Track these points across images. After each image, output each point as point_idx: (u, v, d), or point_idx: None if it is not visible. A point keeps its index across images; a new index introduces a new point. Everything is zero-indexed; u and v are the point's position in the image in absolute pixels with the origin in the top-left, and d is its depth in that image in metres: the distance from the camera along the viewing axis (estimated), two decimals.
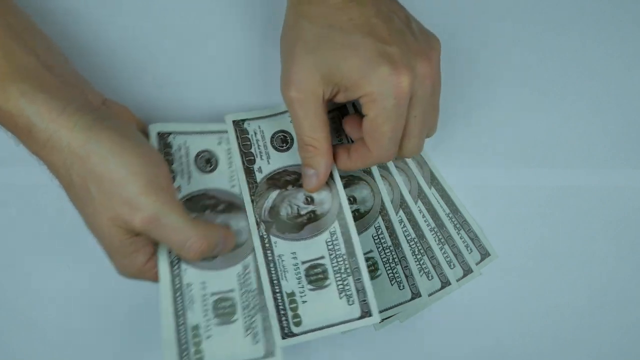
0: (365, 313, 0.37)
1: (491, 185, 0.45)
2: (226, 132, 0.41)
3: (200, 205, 0.39)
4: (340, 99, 0.36)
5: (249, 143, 0.41)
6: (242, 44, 0.45)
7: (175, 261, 0.37)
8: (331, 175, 0.39)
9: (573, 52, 0.46)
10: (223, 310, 0.37)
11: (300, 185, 0.40)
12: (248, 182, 0.40)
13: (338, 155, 0.38)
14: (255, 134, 0.41)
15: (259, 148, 0.41)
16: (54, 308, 0.43)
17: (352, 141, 0.42)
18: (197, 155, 0.40)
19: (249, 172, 0.40)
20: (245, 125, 0.41)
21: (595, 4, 0.47)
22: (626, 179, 0.46)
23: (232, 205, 0.39)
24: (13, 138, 0.33)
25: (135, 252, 0.35)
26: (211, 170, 0.40)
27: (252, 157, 0.41)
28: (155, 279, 0.36)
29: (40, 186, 0.42)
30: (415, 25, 0.37)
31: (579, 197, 0.46)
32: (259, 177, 0.40)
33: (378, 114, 0.34)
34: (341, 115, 0.43)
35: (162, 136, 0.39)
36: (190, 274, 0.37)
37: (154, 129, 0.39)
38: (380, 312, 0.41)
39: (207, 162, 0.40)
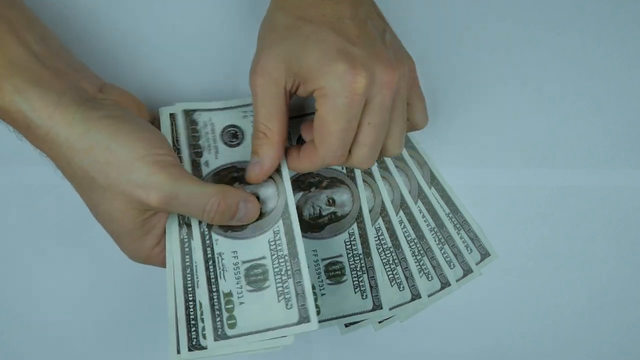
0: (304, 318, 0.36)
1: (491, 185, 0.45)
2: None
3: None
4: (302, 92, 0.35)
5: (197, 135, 0.40)
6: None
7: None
8: (280, 173, 0.38)
9: (573, 52, 0.46)
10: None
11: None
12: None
13: (289, 154, 0.38)
14: (205, 126, 0.40)
15: (207, 141, 0.40)
16: (54, 308, 0.43)
17: None
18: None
19: (195, 165, 0.39)
20: (195, 116, 0.40)
21: (595, 4, 0.47)
22: (626, 179, 0.46)
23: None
24: (15, 132, 0.33)
25: (145, 235, 0.35)
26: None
27: (200, 150, 0.40)
28: (163, 264, 0.37)
29: (40, 186, 0.42)
30: (390, 38, 0.37)
31: (579, 197, 0.46)
32: (205, 171, 0.39)
33: (328, 111, 0.33)
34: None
35: (188, 114, 0.40)
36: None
37: (167, 111, 0.40)
38: (383, 313, 0.41)
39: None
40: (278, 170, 0.38)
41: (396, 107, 0.35)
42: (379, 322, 0.43)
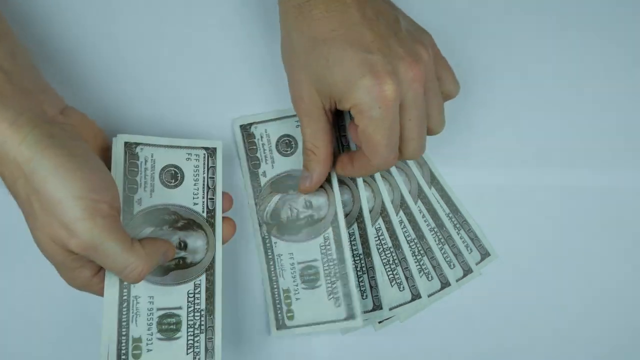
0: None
1: (491, 185, 0.45)
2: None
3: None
4: (340, 107, 0.36)
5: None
6: (239, 50, 0.45)
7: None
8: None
9: (573, 52, 0.46)
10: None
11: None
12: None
13: (342, 162, 0.40)
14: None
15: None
16: (54, 308, 0.43)
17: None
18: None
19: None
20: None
21: (595, 4, 0.47)
22: (626, 179, 0.46)
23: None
24: None
25: (80, 267, 0.34)
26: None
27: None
28: (101, 293, 0.36)
29: None
30: (405, 24, 0.37)
31: (579, 197, 0.46)
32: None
33: (367, 125, 0.34)
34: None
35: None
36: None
37: (121, 139, 0.38)
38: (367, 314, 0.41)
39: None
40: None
41: (428, 89, 0.36)
42: (379, 322, 0.43)
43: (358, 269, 0.42)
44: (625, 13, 0.47)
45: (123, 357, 0.35)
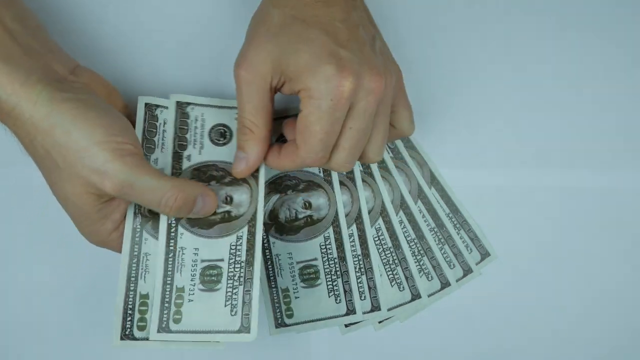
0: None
1: (491, 185, 0.45)
2: None
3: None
4: (286, 90, 0.35)
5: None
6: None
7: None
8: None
9: (573, 53, 0.47)
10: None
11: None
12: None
13: (270, 152, 0.37)
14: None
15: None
16: (54, 307, 0.43)
17: None
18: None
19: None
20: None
21: (594, 5, 0.47)
22: (625, 180, 0.46)
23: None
24: None
25: (103, 219, 0.35)
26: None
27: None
28: (118, 249, 0.37)
29: (40, 186, 0.42)
30: (380, 46, 0.37)
31: (579, 198, 0.46)
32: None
33: (312, 112, 0.33)
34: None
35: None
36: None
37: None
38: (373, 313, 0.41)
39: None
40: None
41: (380, 113, 0.36)
42: (379, 322, 0.43)
43: (357, 269, 0.42)
44: (624, 13, 0.47)
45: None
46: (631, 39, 0.47)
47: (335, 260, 0.41)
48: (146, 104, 0.40)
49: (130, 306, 0.36)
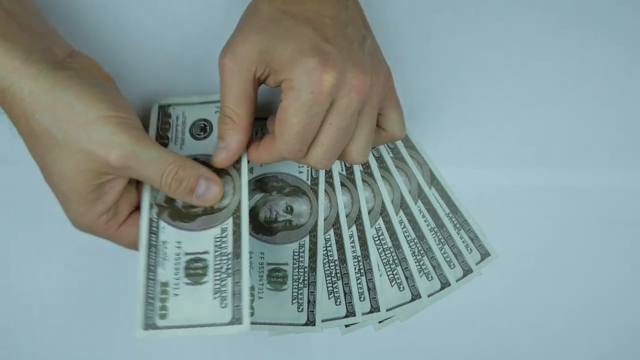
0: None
1: (491, 185, 0.45)
2: None
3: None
4: (270, 82, 0.35)
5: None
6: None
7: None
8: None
9: (573, 52, 0.46)
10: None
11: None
12: None
13: (250, 145, 0.37)
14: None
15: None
16: (53, 307, 0.43)
17: None
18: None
19: None
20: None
21: (595, 3, 0.47)
22: (625, 179, 0.46)
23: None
24: None
25: (95, 200, 0.35)
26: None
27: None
28: (101, 235, 0.36)
29: (39, 186, 0.42)
30: (370, 47, 0.36)
31: (579, 197, 0.46)
32: None
33: (290, 103, 0.33)
34: None
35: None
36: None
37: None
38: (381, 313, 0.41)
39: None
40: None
41: (364, 114, 0.35)
42: (379, 322, 0.43)
43: (356, 270, 0.42)
44: (625, 12, 0.47)
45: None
46: (632, 37, 0.47)
47: (305, 269, 0.41)
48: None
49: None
